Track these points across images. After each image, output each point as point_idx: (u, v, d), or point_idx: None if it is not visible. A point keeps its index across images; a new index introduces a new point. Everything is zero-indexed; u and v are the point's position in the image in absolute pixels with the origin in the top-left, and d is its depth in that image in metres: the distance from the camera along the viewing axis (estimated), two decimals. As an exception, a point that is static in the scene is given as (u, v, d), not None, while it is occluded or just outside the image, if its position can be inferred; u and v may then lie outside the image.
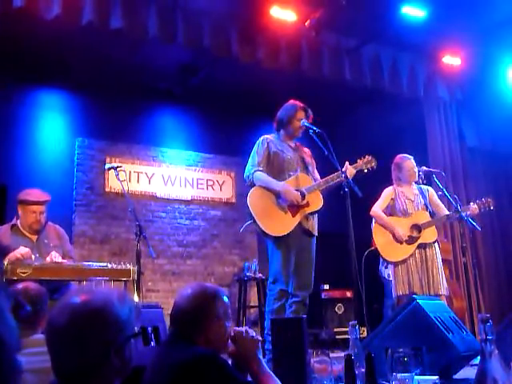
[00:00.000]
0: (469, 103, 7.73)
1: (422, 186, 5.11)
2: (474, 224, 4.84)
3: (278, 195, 4.10)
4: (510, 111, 7.21)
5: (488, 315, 1.86)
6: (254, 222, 4.06)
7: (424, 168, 5.11)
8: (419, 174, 5.10)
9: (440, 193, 5.05)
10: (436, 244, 4.93)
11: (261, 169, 4.18)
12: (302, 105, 4.33)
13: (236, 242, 7.89)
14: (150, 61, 6.72)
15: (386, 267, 4.94)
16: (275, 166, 4.23)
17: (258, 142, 4.34)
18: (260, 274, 7.18)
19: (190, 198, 7.79)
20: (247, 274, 7.29)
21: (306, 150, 4.45)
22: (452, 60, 7.29)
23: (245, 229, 4.34)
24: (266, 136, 4.36)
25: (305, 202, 4.11)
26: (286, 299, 4.07)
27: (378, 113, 7.46)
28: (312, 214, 4.19)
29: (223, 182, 8.07)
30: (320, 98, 6.74)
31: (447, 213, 5.05)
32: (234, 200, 8.03)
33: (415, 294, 4.51)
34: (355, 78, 6.78)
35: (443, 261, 5.18)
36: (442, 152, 7.50)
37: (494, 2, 6.04)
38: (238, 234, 7.78)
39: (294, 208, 4.09)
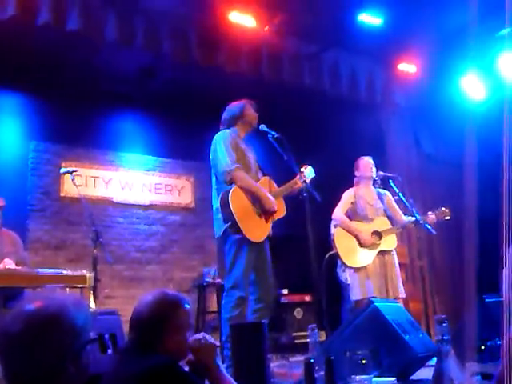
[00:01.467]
0: (424, 111, 7.90)
1: (380, 190, 5.19)
2: (430, 228, 4.94)
3: (256, 200, 4.00)
4: (463, 120, 7.40)
5: (443, 316, 1.89)
6: (234, 223, 3.92)
7: (381, 173, 5.19)
8: (375, 180, 5.18)
9: (396, 197, 5.14)
10: (394, 251, 5.01)
11: (241, 167, 4.01)
12: (247, 100, 4.30)
13: (195, 247, 7.84)
14: (109, 64, 6.63)
15: (344, 270, 4.99)
16: (239, 163, 4.07)
17: (221, 135, 4.15)
18: (219, 280, 7.14)
19: (148, 203, 7.71)
20: (206, 279, 7.25)
21: (251, 147, 4.38)
22: (408, 67, 7.44)
23: (210, 232, 4.25)
24: (227, 130, 4.24)
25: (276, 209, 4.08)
26: (245, 306, 4.02)
27: (337, 119, 7.55)
28: (277, 219, 4.17)
29: (182, 187, 8.02)
30: (280, 103, 6.78)
31: (403, 217, 5.14)
32: (193, 205, 7.98)
33: (374, 297, 4.57)
34: (315, 84, 6.84)
35: (400, 264, 5.28)
36: (399, 158, 7.64)
37: (449, 12, 6.18)
38: (197, 239, 7.73)
39: (267, 214, 4.06)
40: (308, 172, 4.37)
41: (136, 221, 7.59)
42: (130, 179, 7.64)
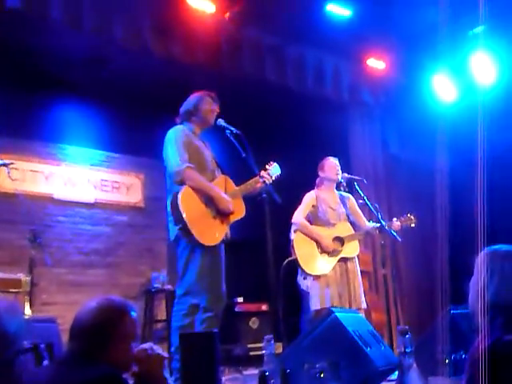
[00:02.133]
0: (393, 109, 8.02)
1: (343, 193, 5.24)
2: (395, 235, 5.02)
3: (209, 200, 3.98)
4: (433, 120, 7.55)
5: (407, 328, 1.93)
6: (184, 226, 3.91)
7: (345, 175, 5.24)
8: (341, 182, 5.23)
9: (361, 201, 5.20)
10: (356, 258, 5.07)
11: (192, 166, 4.00)
12: (206, 91, 4.30)
13: (144, 250, 7.77)
14: (53, 48, 6.50)
15: (305, 278, 5.02)
16: (195, 164, 4.07)
17: (173, 131, 4.15)
18: (169, 286, 7.10)
19: (93, 201, 7.60)
20: (155, 285, 7.20)
21: (207, 143, 4.39)
22: (376, 63, 7.55)
23: (161, 235, 4.24)
24: (180, 126, 4.23)
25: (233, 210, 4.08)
26: (196, 315, 4.01)
27: (301, 116, 7.60)
28: (234, 221, 4.17)
29: (131, 184, 7.94)
30: (240, 97, 6.78)
31: (367, 223, 5.21)
32: (142, 204, 7.91)
33: (334, 307, 4.62)
34: (277, 78, 6.87)
35: (362, 272, 5.34)
36: (364, 159, 7.75)
37: (421, 7, 6.29)
38: (146, 241, 7.67)
39: (223, 215, 4.05)
40: (273, 169, 4.40)
41: (79, 220, 7.47)
42: (73, 174, 7.51)
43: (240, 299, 7.26)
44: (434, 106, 7.60)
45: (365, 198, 5.09)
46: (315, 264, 4.89)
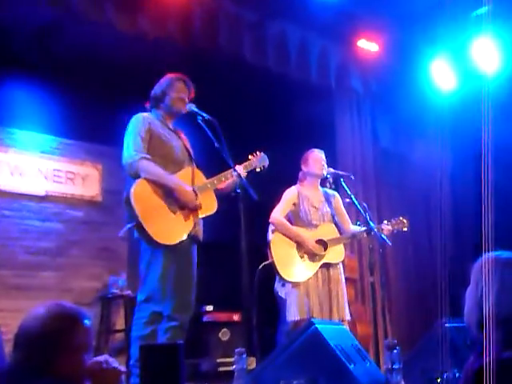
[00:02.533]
0: (385, 98, 8.08)
1: (328, 191, 5.27)
2: (385, 238, 5.06)
3: (169, 193, 4.00)
4: (430, 111, 7.62)
5: (395, 341, 1.95)
6: (138, 224, 3.90)
7: (331, 170, 5.26)
8: (326, 177, 5.25)
9: (348, 200, 5.23)
10: (341, 264, 5.10)
11: (148, 156, 4.04)
12: (178, 75, 4.32)
13: (100, 250, 7.73)
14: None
15: (283, 285, 5.04)
16: (159, 154, 4.10)
17: (135, 119, 4.19)
18: (129, 291, 7.08)
19: (43, 194, 7.54)
20: (113, 290, 7.18)
21: (184, 136, 4.42)
22: (368, 45, 7.58)
23: (121, 234, 4.22)
24: (144, 114, 4.26)
25: (198, 203, 4.08)
26: (159, 323, 4.01)
27: (282, 102, 7.61)
28: (203, 217, 4.18)
29: (87, 175, 7.88)
30: (214, 79, 6.77)
31: (351, 226, 5.24)
32: (99, 198, 7.86)
33: (314, 317, 4.64)
34: (257, 58, 6.87)
35: (348, 280, 5.39)
36: (352, 153, 7.80)
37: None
38: (103, 240, 7.62)
39: (186, 210, 4.05)
40: (259, 160, 4.45)
41: (27, 215, 7.41)
42: (21, 163, 7.44)
43: (209, 308, 7.25)
44: (431, 94, 7.68)
45: (352, 196, 5.12)
46: (294, 269, 4.90)
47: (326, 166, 5.20)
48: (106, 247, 7.74)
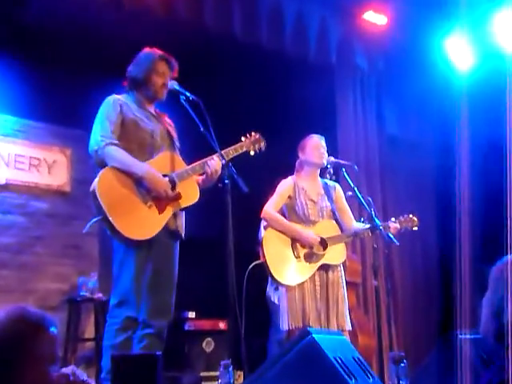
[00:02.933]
0: (393, 77, 8.08)
1: (328, 182, 5.26)
2: (392, 238, 5.06)
3: (138, 182, 4.00)
4: (445, 93, 7.62)
5: (402, 354, 1.94)
6: (105, 218, 3.90)
7: (332, 159, 5.25)
8: (327, 167, 5.24)
9: (350, 193, 5.23)
10: (341, 266, 5.10)
11: (116, 142, 4.06)
12: (161, 53, 4.31)
13: (68, 247, 7.70)
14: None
15: (277, 289, 5.03)
16: (132, 140, 4.12)
17: (105, 102, 4.21)
18: (100, 294, 7.06)
19: (4, 182, 7.50)
20: (82, 293, 7.16)
21: (168, 120, 4.43)
22: (375, 18, 7.57)
23: (89, 229, 4.22)
24: (116, 96, 4.27)
25: (175, 192, 4.08)
26: (134, 330, 4.01)
27: (275, 82, 7.59)
28: (184, 209, 4.19)
29: (54, 161, 7.85)
30: (199, 54, 6.75)
31: (354, 223, 5.24)
32: (68, 188, 7.83)
33: (310, 326, 4.64)
34: (247, 32, 6.85)
35: (349, 284, 5.38)
36: (354, 139, 7.81)
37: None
38: (71, 236, 7.58)
39: (161, 201, 4.05)
40: (253, 142, 4.46)
41: (-16, 206, 7.39)
42: (-22, 147, 7.41)
43: (191, 314, 7.26)
44: (446, 74, 7.67)
45: (355, 189, 5.11)
46: (289, 271, 4.90)
47: (326, 154, 5.19)
48: (74, 244, 7.71)
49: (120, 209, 3.91)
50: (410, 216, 5.25)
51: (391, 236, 5.05)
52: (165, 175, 4.08)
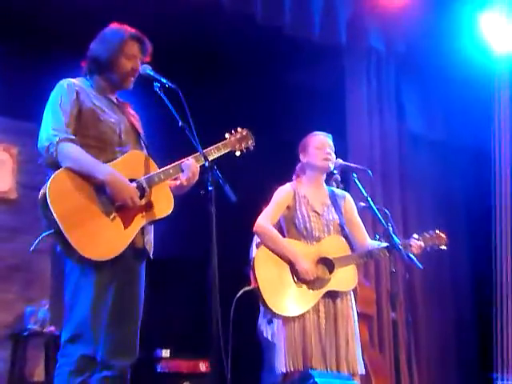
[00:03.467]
0: (416, 63, 8.09)
1: (336, 191, 5.24)
2: (414, 259, 5.04)
3: (99, 188, 3.97)
4: (479, 81, 7.63)
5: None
6: (57, 232, 3.83)
7: (340, 161, 5.24)
8: (333, 173, 5.22)
9: (363, 204, 5.21)
10: (352, 293, 5.08)
11: (72, 137, 3.99)
12: (133, 31, 4.27)
13: (13, 269, 7.70)
14: None
15: (270, 322, 5.01)
16: (90, 136, 4.02)
17: (58, 87, 4.12)
18: (52, 328, 7.05)
19: None
20: (30, 325, 7.14)
21: (132, 111, 4.39)
22: (393, -10, 7.62)
23: (38, 246, 4.17)
24: (71, 80, 4.21)
25: (145, 201, 4.05)
26: (91, 372, 3.97)
27: (273, 68, 7.59)
28: (155, 222, 4.15)
29: (-3, 162, 7.86)
30: (181, 31, 6.76)
31: (369, 240, 5.22)
32: (14, 195, 7.83)
33: (313, 368, 4.62)
34: (240, 7, 6.84)
35: (361, 316, 5.35)
36: (368, 138, 7.79)
37: None
38: (17, 255, 7.57)
39: (127, 212, 4.01)
40: (240, 140, 4.43)
41: None
42: None
43: (165, 352, 7.23)
44: (480, 59, 7.69)
45: (369, 198, 5.09)
46: (286, 299, 4.87)
47: (333, 155, 5.17)
48: (20, 265, 7.68)
49: (76, 221, 3.83)
50: (437, 232, 5.22)
51: (413, 257, 5.03)
52: (132, 180, 4.04)
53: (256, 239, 5.11)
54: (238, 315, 4.85)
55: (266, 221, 4.99)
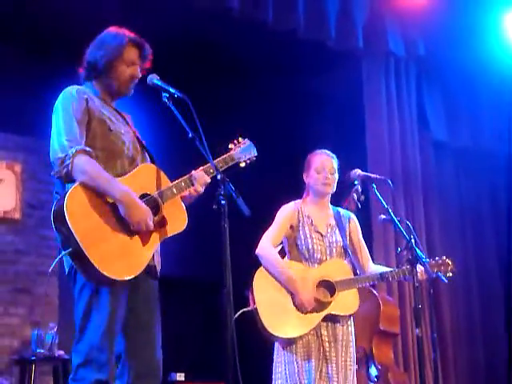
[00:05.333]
0: (438, 66, 8.09)
1: (342, 211, 5.24)
2: (440, 275, 5.04)
3: (115, 204, 3.93)
4: (504, 84, 7.63)
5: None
6: (76, 252, 3.78)
7: (359, 171, 5.23)
8: (354, 184, 5.20)
9: (383, 216, 5.21)
10: (352, 318, 5.08)
11: (89, 150, 3.93)
12: (132, 36, 4.24)
13: (18, 292, 7.72)
14: None
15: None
16: (99, 147, 3.97)
17: (66, 95, 4.02)
18: (61, 352, 7.07)
19: None
20: (37, 350, 7.15)
21: (130, 121, 4.35)
22: (412, -9, 7.64)
23: (35, 267, 4.17)
24: (78, 87, 4.18)
25: (159, 217, 4.02)
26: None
27: (285, 73, 7.60)
28: (168, 238, 4.11)
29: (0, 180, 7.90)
30: (191, 39, 6.81)
31: (371, 265, 5.22)
32: (17, 215, 7.86)
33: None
34: (248, 11, 6.86)
35: (385, 334, 5.35)
36: (388, 146, 7.78)
37: None
38: (22, 277, 7.61)
39: (143, 231, 3.99)
40: (243, 150, 4.40)
41: None
42: None
43: (180, 376, 7.25)
44: (506, 61, 7.68)
45: (389, 210, 5.09)
46: (285, 321, 4.88)
47: (334, 178, 5.14)
48: (26, 287, 7.72)
49: (96, 238, 3.74)
50: (444, 258, 5.21)
51: (439, 274, 5.03)
52: (144, 195, 4.02)
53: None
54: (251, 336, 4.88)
55: (269, 242, 5.00)
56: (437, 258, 5.10)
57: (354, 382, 4.94)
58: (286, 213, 5.10)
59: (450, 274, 5.07)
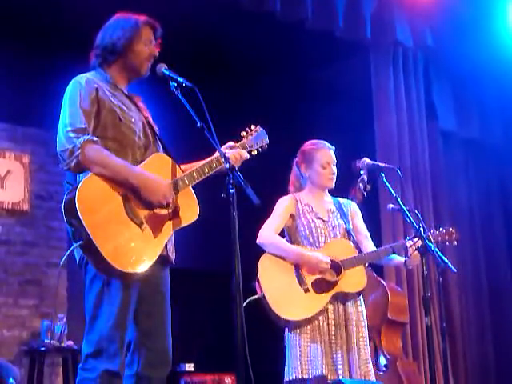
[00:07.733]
0: (446, 57, 8.07)
1: (341, 200, 5.23)
2: (447, 261, 5.02)
3: (126, 194, 3.90)
4: (510, 77, 7.61)
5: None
6: (86, 244, 3.77)
7: (367, 160, 5.22)
8: (360, 174, 5.19)
9: (392, 206, 5.20)
10: (362, 297, 5.07)
11: (95, 138, 3.91)
12: (145, 18, 4.23)
13: (28, 283, 7.73)
14: None
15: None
16: (110, 137, 3.93)
17: (75, 84, 4.01)
18: (70, 342, 7.08)
19: None
20: (46, 340, 7.14)
21: (142, 104, 4.32)
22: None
23: (44, 259, 4.15)
24: (85, 75, 4.16)
25: (171, 209, 3.99)
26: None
27: (292, 64, 7.60)
28: (180, 228, 4.09)
29: (8, 172, 7.90)
30: (196, 28, 6.80)
31: (370, 243, 5.20)
32: (26, 206, 7.86)
33: (325, 377, 4.64)
34: (256, 2, 6.85)
35: (394, 324, 5.34)
36: (397, 136, 7.76)
37: None
38: (31, 268, 7.62)
39: (156, 220, 3.96)
40: (255, 138, 4.39)
41: None
42: None
43: (189, 366, 7.25)
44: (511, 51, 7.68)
45: (398, 199, 5.08)
46: (293, 304, 4.88)
47: (333, 169, 5.14)
48: (35, 279, 7.73)
49: (107, 231, 3.73)
50: (447, 228, 5.19)
51: (445, 260, 5.00)
52: None
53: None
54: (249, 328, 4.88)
55: (271, 230, 4.99)
56: (440, 229, 5.08)
57: (369, 358, 4.92)
58: (284, 203, 5.09)
59: (455, 243, 5.06)
